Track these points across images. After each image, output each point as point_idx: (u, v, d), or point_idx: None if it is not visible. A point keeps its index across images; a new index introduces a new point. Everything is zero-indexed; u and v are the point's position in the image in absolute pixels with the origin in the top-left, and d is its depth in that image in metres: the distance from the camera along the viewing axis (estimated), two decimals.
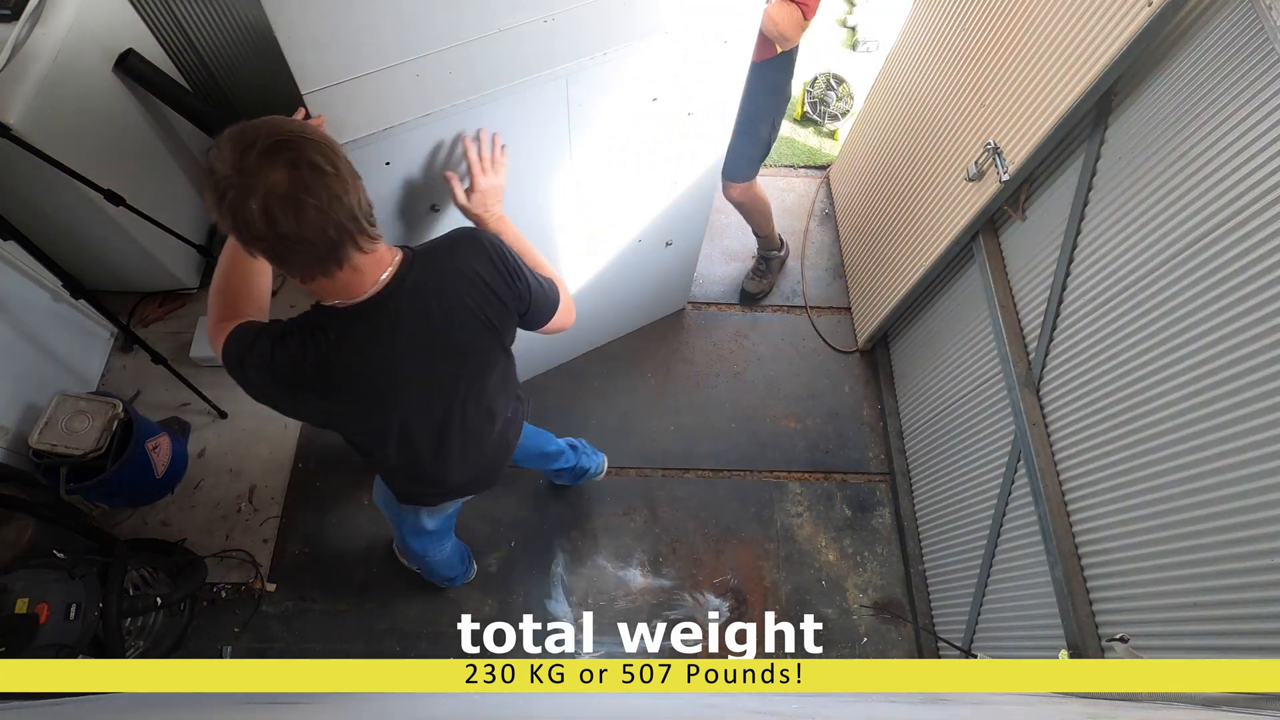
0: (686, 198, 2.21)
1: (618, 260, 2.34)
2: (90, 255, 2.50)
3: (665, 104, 1.76)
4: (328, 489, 2.57)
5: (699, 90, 1.79)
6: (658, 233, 2.32)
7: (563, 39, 1.50)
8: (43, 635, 1.77)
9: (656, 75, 1.65)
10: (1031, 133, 1.76)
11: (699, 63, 1.68)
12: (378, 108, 1.40)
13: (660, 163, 1.99)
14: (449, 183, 1.48)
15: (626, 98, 1.68)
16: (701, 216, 2.38)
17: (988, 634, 2.12)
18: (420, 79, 1.44)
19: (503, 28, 1.50)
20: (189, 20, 2.55)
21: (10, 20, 2.00)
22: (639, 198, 2.11)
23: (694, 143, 1.98)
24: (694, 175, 2.13)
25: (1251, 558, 1.30)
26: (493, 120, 1.52)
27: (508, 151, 1.55)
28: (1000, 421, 2.06)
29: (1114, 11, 1.49)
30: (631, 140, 1.84)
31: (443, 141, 1.51)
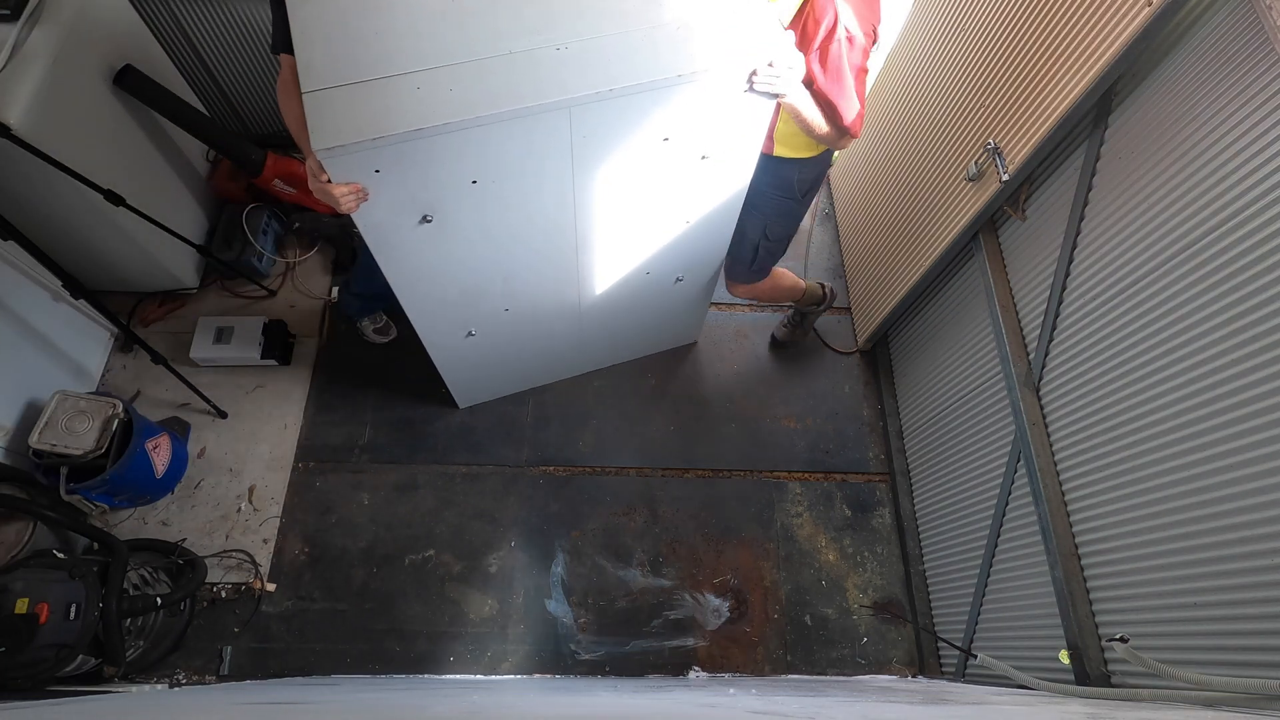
0: (699, 237, 2.13)
1: (622, 290, 2.28)
2: (90, 255, 2.50)
3: (678, 145, 1.70)
4: (328, 489, 2.57)
5: (715, 134, 1.72)
6: (667, 268, 2.25)
7: (572, 70, 1.47)
8: (43, 635, 1.77)
9: (668, 116, 1.60)
10: (1031, 133, 1.76)
11: (716, 108, 1.62)
12: (371, 115, 1.39)
13: (671, 201, 1.92)
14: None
15: (635, 136, 1.63)
16: (716, 256, 2.30)
17: (988, 634, 2.12)
18: (420, 92, 1.42)
19: (513, 50, 1.48)
20: (189, 20, 2.56)
21: (10, 20, 2.00)
22: (647, 233, 2.05)
23: (709, 185, 1.90)
24: (708, 216, 2.04)
25: (1251, 557, 1.30)
26: (490, 144, 1.50)
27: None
28: (1000, 421, 2.06)
29: (1114, 11, 1.49)
30: (639, 177, 1.78)
31: (435, 157, 1.49)
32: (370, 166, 1.45)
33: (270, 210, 2.85)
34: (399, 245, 1.73)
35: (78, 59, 2.12)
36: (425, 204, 1.61)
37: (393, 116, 1.39)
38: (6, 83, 1.93)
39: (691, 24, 1.54)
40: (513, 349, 2.43)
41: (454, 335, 2.21)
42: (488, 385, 2.68)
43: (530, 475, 2.64)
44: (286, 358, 2.76)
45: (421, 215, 1.63)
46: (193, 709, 1.36)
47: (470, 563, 2.49)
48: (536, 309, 2.22)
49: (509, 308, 2.15)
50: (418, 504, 2.56)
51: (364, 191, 1.49)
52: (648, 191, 1.84)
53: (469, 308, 2.10)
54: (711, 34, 1.53)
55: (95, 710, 1.28)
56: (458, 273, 1.92)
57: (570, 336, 2.48)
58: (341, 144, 1.36)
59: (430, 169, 1.51)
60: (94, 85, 2.22)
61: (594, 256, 2.04)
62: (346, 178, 1.46)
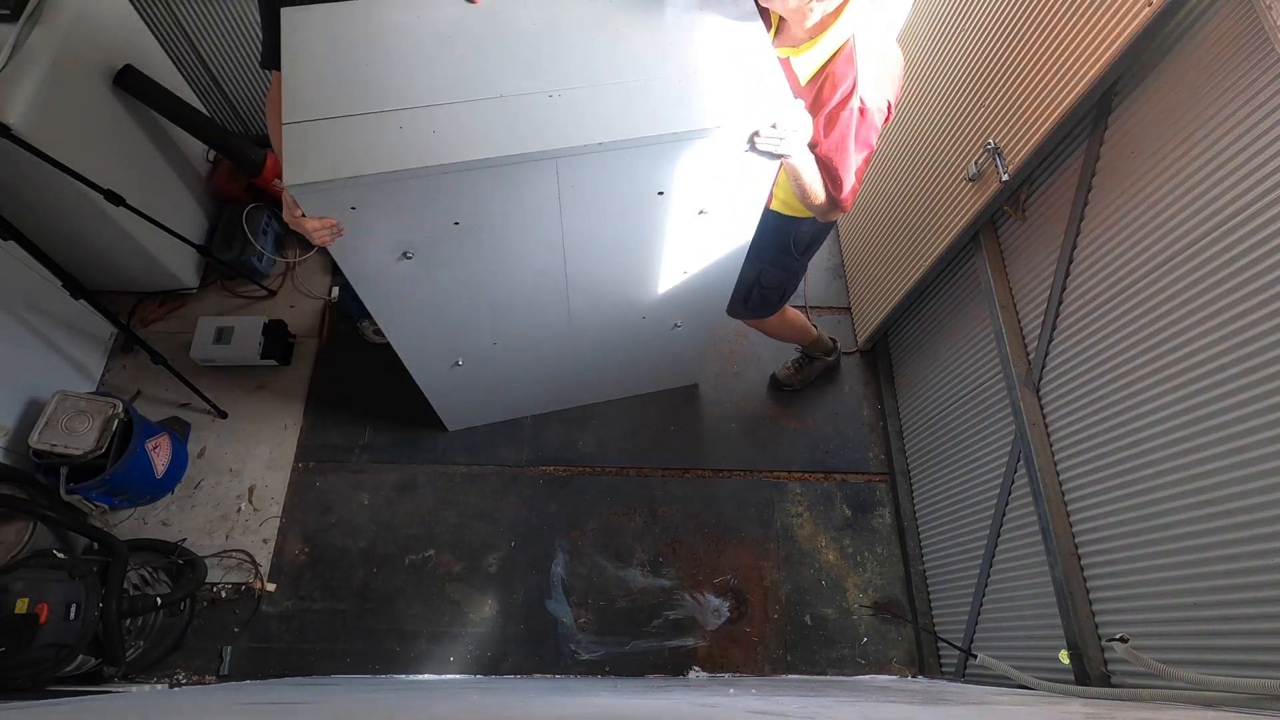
0: (698, 287, 2.05)
1: (617, 332, 2.22)
2: (90, 255, 2.50)
3: (674, 199, 1.63)
4: (328, 489, 2.57)
5: (714, 191, 1.64)
6: (664, 315, 2.18)
7: (562, 119, 1.40)
8: (43, 635, 1.77)
9: (663, 171, 1.54)
10: (1031, 133, 1.76)
11: (715, 165, 1.55)
12: (348, 153, 1.34)
13: (667, 252, 1.85)
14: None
15: (627, 190, 1.57)
16: (716, 306, 2.22)
17: (988, 634, 2.12)
18: (402, 132, 1.36)
19: (505, 93, 1.42)
20: (189, 20, 2.56)
21: (10, 20, 2.00)
22: (642, 281, 1.97)
23: (708, 238, 1.83)
24: (707, 268, 1.97)
25: (1251, 557, 1.30)
26: (472, 189, 1.44)
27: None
28: (1000, 421, 2.06)
29: (1114, 11, 1.49)
30: (633, 228, 1.71)
31: (414, 198, 1.43)
32: (345, 203, 1.40)
33: (270, 210, 2.86)
34: (378, 279, 1.68)
35: (78, 59, 2.12)
36: (405, 241, 1.56)
37: (370, 156, 1.34)
38: (6, 83, 1.93)
39: (694, 78, 1.48)
40: (502, 381, 2.38)
41: (440, 364, 2.15)
42: (477, 412, 2.62)
43: (530, 475, 2.64)
44: (286, 358, 2.76)
45: (401, 252, 1.58)
46: (193, 709, 1.36)
47: (470, 563, 2.49)
48: (526, 345, 2.16)
49: (497, 342, 2.09)
50: (418, 504, 2.56)
51: (338, 227, 1.44)
52: (642, 242, 1.78)
53: (455, 340, 2.04)
54: (714, 90, 1.47)
55: (95, 710, 1.28)
56: (441, 308, 1.86)
57: (562, 372, 2.43)
58: (313, 181, 1.31)
59: (409, 209, 1.46)
60: (94, 85, 2.22)
61: (586, 299, 1.98)
62: (322, 213, 1.41)
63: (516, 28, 1.52)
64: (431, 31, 1.51)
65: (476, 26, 1.52)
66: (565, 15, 1.55)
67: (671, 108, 1.44)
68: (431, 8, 1.54)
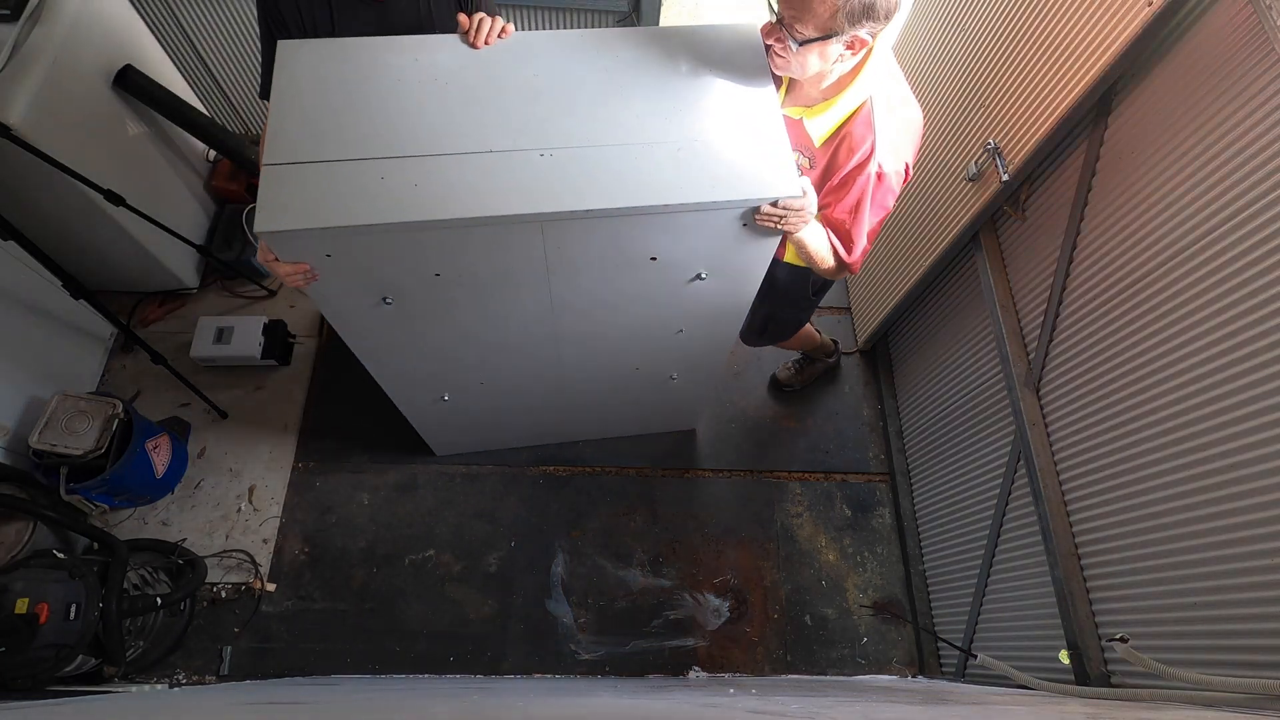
0: (695, 343, 1.97)
1: (610, 381, 2.16)
2: (90, 255, 2.50)
3: (668, 265, 1.56)
4: (328, 489, 2.57)
5: (711, 259, 1.57)
6: (659, 368, 2.12)
7: (550, 181, 1.33)
8: (43, 635, 1.77)
9: (655, 239, 1.47)
10: (1031, 133, 1.76)
11: (712, 236, 1.48)
12: (323, 201, 1.28)
13: (661, 312, 1.78)
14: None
15: (617, 254, 1.51)
16: (715, 362, 2.14)
17: (988, 634, 2.12)
18: (383, 183, 1.30)
19: (495, 149, 1.36)
20: (189, 20, 2.56)
21: (10, 20, 2.00)
22: (634, 336, 1.90)
23: (705, 300, 1.73)
24: (705, 328, 1.89)
25: (1251, 558, 1.30)
26: (453, 245, 1.39)
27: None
28: (1000, 421, 2.06)
29: (1114, 11, 1.49)
30: (625, 290, 1.65)
31: (392, 250, 1.37)
32: (320, 250, 1.35)
33: None
34: (356, 320, 1.63)
35: (78, 59, 2.12)
36: (384, 288, 1.51)
37: (346, 206, 1.28)
38: (6, 83, 1.93)
39: (695, 145, 1.40)
40: (490, 417, 2.35)
41: (424, 397, 2.11)
42: (465, 442, 2.58)
43: (530, 475, 2.64)
44: (286, 358, 2.76)
45: (380, 297, 1.54)
46: (193, 709, 1.36)
47: (470, 563, 2.49)
48: (515, 386, 2.11)
49: (484, 382, 2.05)
50: (418, 504, 2.56)
51: (312, 272, 1.39)
52: (634, 301, 1.71)
53: (439, 379, 2.00)
54: (715, 160, 1.39)
55: (95, 710, 1.28)
56: (423, 350, 1.82)
57: (552, 412, 2.38)
58: (283, 229, 1.27)
59: (387, 260, 1.41)
60: (94, 85, 2.22)
61: (575, 350, 1.92)
62: (295, 257, 1.36)
63: (516, 78, 1.46)
64: (427, 76, 1.45)
65: (474, 74, 1.46)
66: (569, 68, 1.48)
67: (668, 177, 1.36)
68: (431, 51, 1.48)
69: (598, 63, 1.50)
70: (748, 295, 1.76)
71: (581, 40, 1.53)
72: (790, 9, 1.32)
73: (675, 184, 1.35)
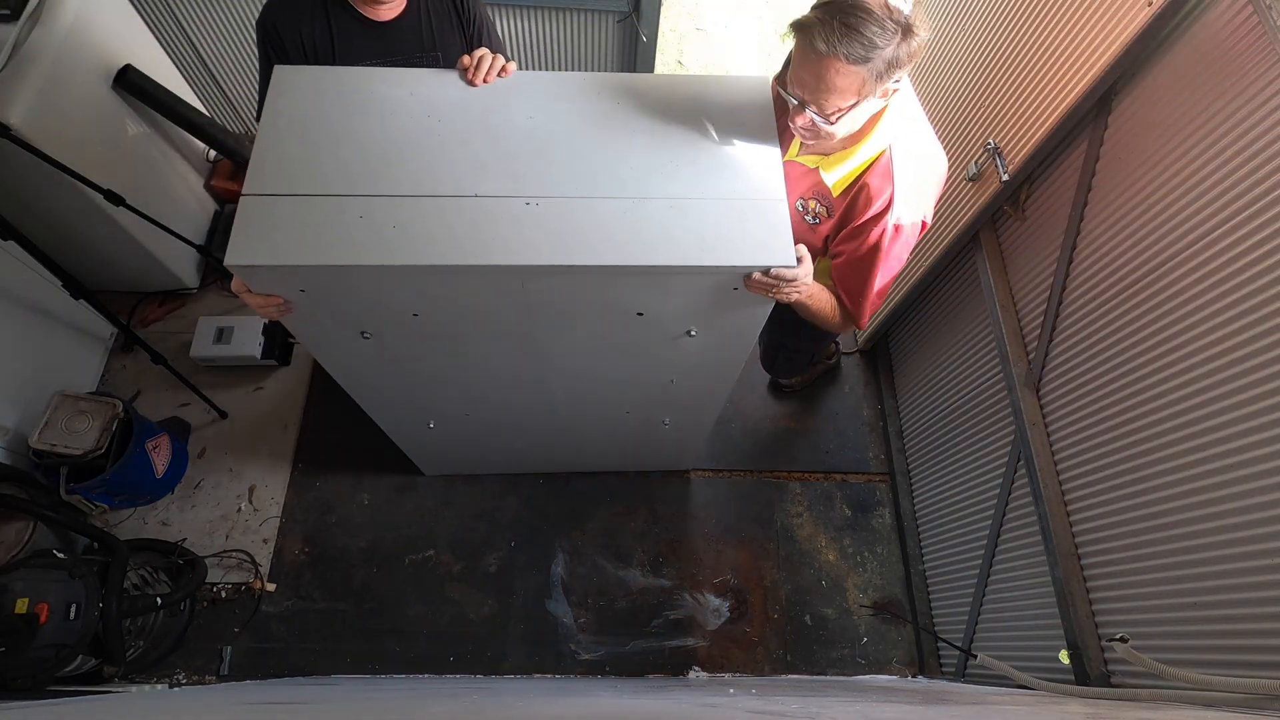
0: (688, 393, 1.90)
1: (601, 421, 2.11)
2: (90, 255, 2.50)
3: (656, 321, 1.49)
4: (328, 489, 2.57)
5: (701, 317, 1.50)
6: (652, 414, 2.06)
7: (533, 232, 1.28)
8: (43, 635, 1.77)
9: (641, 296, 1.41)
10: (1031, 133, 1.76)
11: (701, 297, 1.42)
12: (298, 237, 1.24)
13: (650, 364, 1.72)
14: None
15: (602, 308, 1.45)
16: (708, 411, 2.07)
17: (988, 634, 2.12)
18: (361, 222, 1.26)
19: (480, 193, 1.31)
20: (189, 20, 2.56)
21: (10, 20, 2.00)
22: (623, 384, 1.84)
23: (698, 353, 1.66)
24: (698, 379, 1.82)
25: (1251, 558, 1.30)
26: (431, 289, 1.34)
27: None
28: (1000, 421, 2.06)
29: (1114, 11, 1.49)
30: (610, 341, 1.59)
31: (367, 289, 1.33)
32: (294, 285, 1.31)
33: None
34: (336, 351, 1.60)
35: (78, 59, 2.12)
36: (362, 323, 1.47)
37: (321, 244, 1.24)
38: (6, 83, 1.93)
39: (687, 205, 1.33)
40: (479, 446, 2.32)
41: (411, 424, 2.08)
42: (456, 465, 2.54)
43: (530, 475, 2.64)
44: (286, 358, 2.76)
45: (359, 331, 1.49)
46: (193, 709, 1.36)
47: (470, 563, 2.49)
48: (502, 422, 2.08)
49: (469, 414, 2.01)
50: (418, 504, 2.56)
51: (286, 305, 1.35)
52: (621, 352, 1.65)
53: (424, 407, 1.96)
54: (708, 221, 1.32)
55: (95, 710, 1.28)
56: (406, 382, 1.78)
57: (542, 445, 2.34)
58: (253, 264, 1.23)
59: (362, 299, 1.37)
60: (94, 85, 2.22)
61: (563, 391, 1.87)
62: (269, 290, 1.32)
63: (510, 120, 1.41)
64: (421, 112, 1.41)
65: (469, 113, 1.42)
66: (567, 113, 1.44)
67: (655, 236, 1.29)
68: (428, 85, 1.45)
69: (597, 108, 1.45)
70: (743, 352, 1.68)
71: (583, 84, 1.49)
72: (815, 94, 1.25)
73: (662, 244, 1.29)
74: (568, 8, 2.48)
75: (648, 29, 2.49)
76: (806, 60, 1.24)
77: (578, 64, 2.71)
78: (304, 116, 1.38)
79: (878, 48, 1.19)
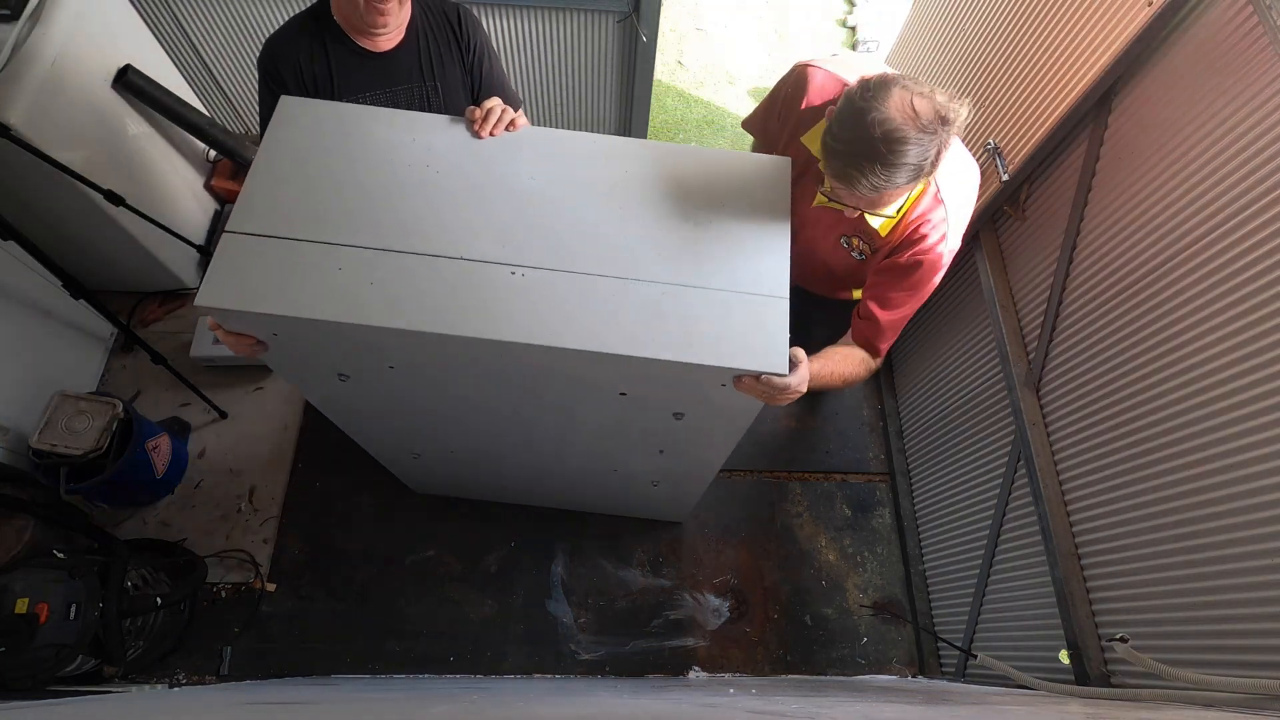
0: (680, 463, 1.83)
1: (587, 475, 2.06)
2: (90, 255, 2.50)
3: (641, 401, 1.42)
4: (328, 489, 2.57)
5: (689, 402, 1.42)
6: (640, 475, 2.00)
7: (515, 305, 1.22)
8: (43, 635, 1.77)
9: (625, 379, 1.33)
10: (1031, 133, 1.77)
11: (689, 386, 1.32)
12: (272, 283, 1.21)
13: (636, 437, 1.65)
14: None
15: (585, 385, 1.38)
16: (701, 477, 1.99)
17: (988, 634, 2.12)
18: (340, 274, 1.22)
19: (466, 256, 1.25)
20: (189, 20, 2.56)
21: (10, 20, 2.00)
22: (610, 449, 1.78)
23: (687, 432, 1.57)
24: (691, 452, 1.73)
25: (1251, 558, 1.30)
26: (408, 348, 1.28)
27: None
28: (1000, 421, 2.06)
29: (1114, 12, 1.49)
30: (594, 413, 1.53)
31: (340, 341, 1.28)
32: (267, 329, 1.27)
33: None
34: (315, 387, 1.55)
35: (78, 59, 2.12)
36: (339, 367, 1.42)
37: (293, 294, 1.20)
38: (6, 83, 1.93)
39: (681, 292, 1.26)
40: (466, 479, 2.30)
41: (397, 452, 2.06)
42: (445, 490, 2.51)
43: None
44: None
45: (336, 373, 1.45)
46: (193, 709, 1.36)
47: (470, 563, 2.49)
48: (487, 462, 2.05)
49: (455, 450, 1.98)
50: (418, 504, 2.56)
51: (259, 344, 1.32)
52: (605, 423, 1.59)
53: (409, 442, 1.94)
54: (699, 314, 1.24)
55: (95, 710, 1.28)
56: (388, 419, 1.74)
57: (530, 489, 2.33)
58: (224, 307, 1.20)
59: (336, 348, 1.33)
60: (94, 85, 2.22)
61: (549, 445, 1.81)
62: (242, 329, 1.28)
63: (510, 179, 1.36)
64: (420, 161, 1.35)
65: (468, 167, 1.36)
66: (571, 177, 1.37)
67: (642, 323, 1.22)
68: (433, 132, 1.40)
69: (603, 174, 1.38)
70: (736, 434, 1.58)
71: (593, 147, 1.42)
72: (873, 203, 1.23)
73: (646, 334, 1.21)
74: (568, 8, 2.48)
75: (648, 29, 2.49)
76: (857, 194, 1.20)
77: (577, 64, 2.71)
78: (301, 152, 1.34)
79: (926, 159, 1.16)
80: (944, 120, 1.15)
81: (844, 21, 3.95)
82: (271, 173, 1.31)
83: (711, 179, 1.40)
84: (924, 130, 1.13)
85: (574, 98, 2.89)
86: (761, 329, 1.24)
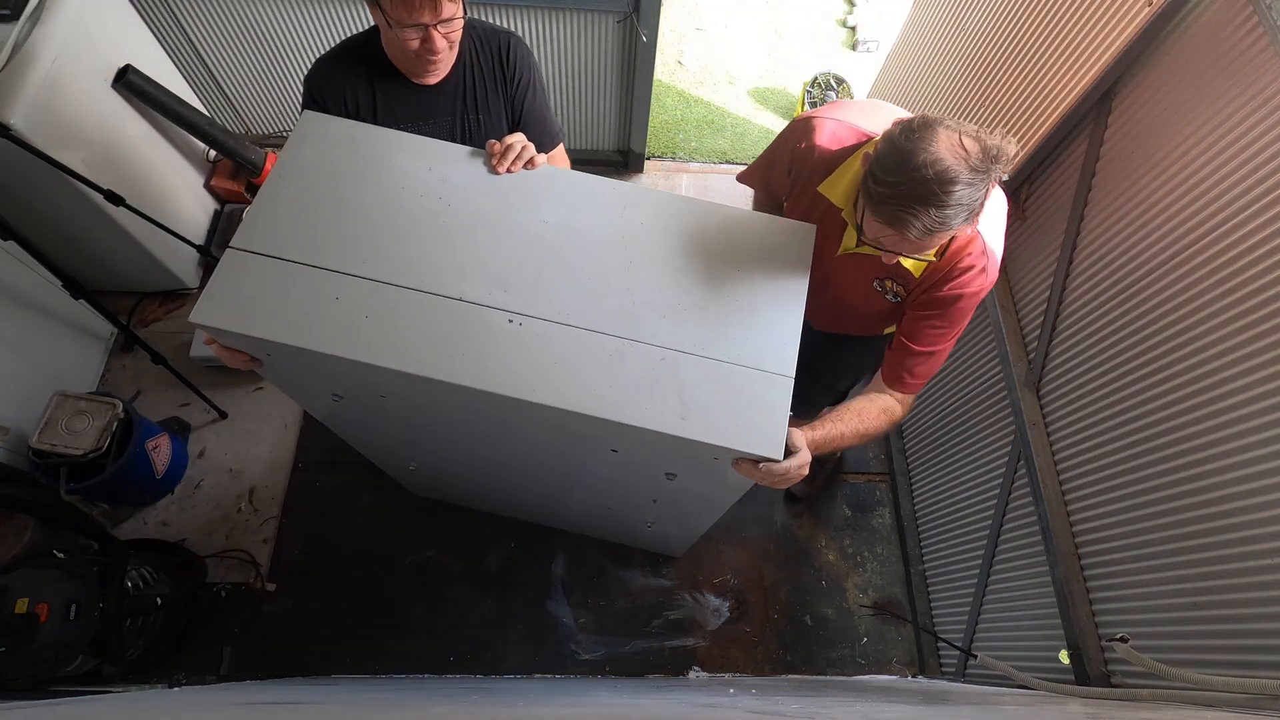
0: (674, 509, 1.79)
1: (585, 506, 2.05)
2: (90, 255, 2.50)
3: (633, 459, 1.38)
4: (328, 489, 2.57)
5: (681, 468, 1.37)
6: (635, 515, 1.97)
7: (507, 355, 1.18)
8: (43, 635, 1.77)
9: (616, 440, 1.29)
10: (1031, 133, 1.77)
11: (680, 454, 1.28)
12: (267, 306, 1.19)
13: (629, 489, 1.63)
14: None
15: (577, 439, 1.35)
16: (698, 526, 1.94)
17: (988, 634, 2.12)
18: (337, 304, 1.20)
19: (465, 297, 1.22)
20: (189, 20, 2.56)
21: (10, 20, 2.00)
22: (605, 495, 1.78)
23: (680, 492, 1.54)
24: (684, 505, 1.71)
25: (1251, 558, 1.30)
26: (397, 381, 1.24)
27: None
28: (1000, 421, 2.06)
29: (1114, 11, 1.49)
30: (585, 463, 1.51)
31: (331, 368, 1.25)
32: (259, 350, 1.26)
33: None
34: (310, 401, 1.56)
35: (78, 59, 2.12)
36: (332, 388, 1.41)
37: (287, 320, 1.18)
38: (6, 83, 1.93)
39: (682, 360, 1.20)
40: (463, 490, 2.30)
41: (393, 461, 2.06)
42: (443, 496, 2.50)
43: None
44: None
45: (330, 393, 1.44)
46: (193, 709, 1.36)
47: (470, 563, 2.49)
48: (483, 481, 2.05)
49: (449, 471, 2.00)
50: (418, 504, 2.56)
51: (253, 360, 1.31)
52: (600, 475, 1.56)
53: (404, 454, 1.93)
54: (698, 387, 1.18)
55: (95, 710, 1.28)
56: (384, 436, 1.73)
57: (526, 508, 2.33)
58: (216, 326, 1.19)
59: (327, 374, 1.31)
60: (94, 85, 2.22)
61: (543, 476, 1.78)
62: (236, 346, 1.28)
63: (522, 220, 1.31)
64: (432, 192, 1.32)
65: (482, 203, 1.33)
66: (584, 224, 1.32)
67: (637, 389, 1.17)
68: (451, 164, 1.36)
69: (617, 225, 1.33)
70: (730, 498, 1.53)
71: (610, 194, 1.37)
72: (921, 247, 1.18)
73: (641, 400, 1.16)
74: (568, 8, 2.48)
75: (648, 29, 2.49)
76: (907, 238, 1.16)
77: (577, 64, 2.71)
78: (315, 173, 1.32)
79: (978, 199, 1.12)
80: (994, 159, 1.12)
81: (844, 21, 3.95)
82: (283, 191, 1.30)
83: (730, 240, 1.34)
84: (976, 170, 1.10)
85: (574, 98, 2.89)
86: (763, 408, 1.18)
